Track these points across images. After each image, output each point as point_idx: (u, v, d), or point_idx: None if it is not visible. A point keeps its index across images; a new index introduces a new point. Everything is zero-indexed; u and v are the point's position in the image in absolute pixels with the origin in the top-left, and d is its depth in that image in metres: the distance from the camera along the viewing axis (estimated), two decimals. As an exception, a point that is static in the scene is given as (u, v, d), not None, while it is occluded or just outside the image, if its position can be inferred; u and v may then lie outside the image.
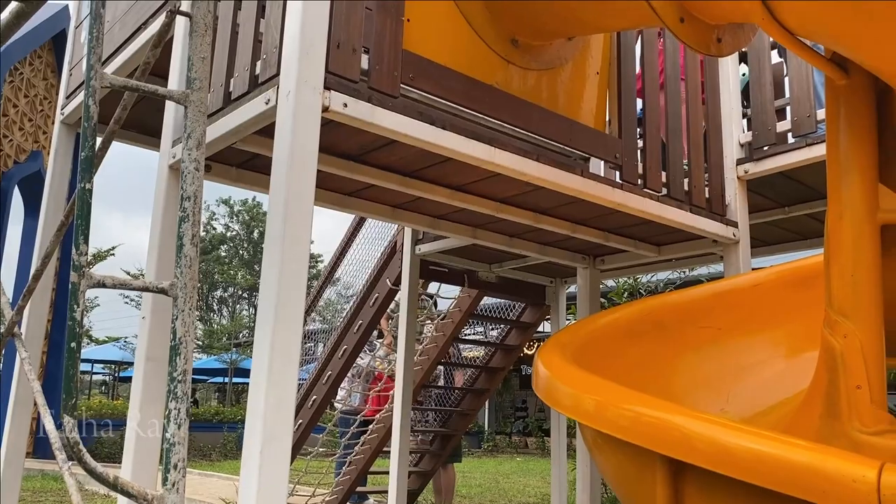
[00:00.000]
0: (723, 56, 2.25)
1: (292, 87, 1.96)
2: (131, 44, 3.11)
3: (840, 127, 2.10)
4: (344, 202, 3.09)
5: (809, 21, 1.85)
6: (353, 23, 2.14)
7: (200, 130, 1.64)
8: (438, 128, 2.30)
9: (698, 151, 3.34)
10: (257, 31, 2.29)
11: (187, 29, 1.72)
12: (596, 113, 2.96)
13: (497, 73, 2.59)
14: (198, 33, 1.66)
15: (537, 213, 3.20)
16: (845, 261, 2.05)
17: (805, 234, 4.45)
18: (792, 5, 1.81)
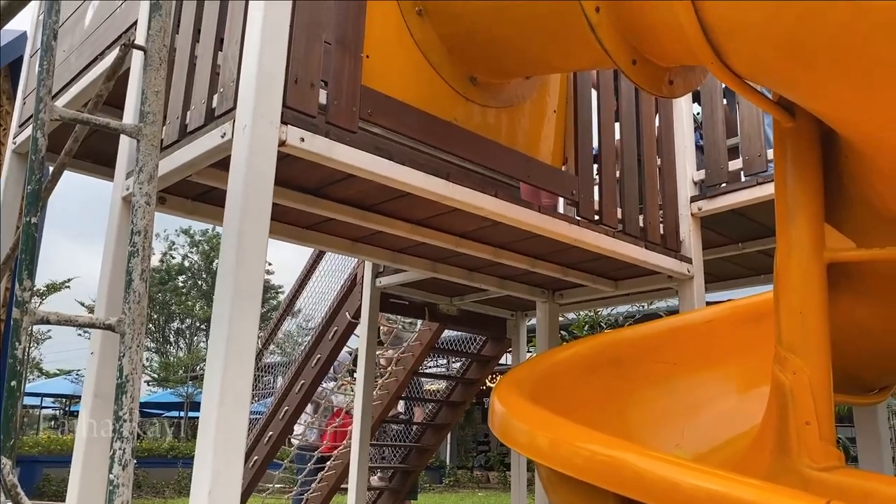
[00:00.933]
0: (675, 97, 2.31)
1: (248, 122, 1.95)
2: (88, 73, 3.08)
3: (787, 168, 2.16)
4: (302, 235, 3.07)
5: (756, 67, 1.91)
6: (311, 58, 2.14)
7: (152, 164, 1.63)
8: (396, 163, 2.30)
9: (653, 189, 3.41)
10: (215, 64, 2.28)
11: (143, 62, 1.70)
12: (553, 150, 3.01)
13: (456, 110, 2.61)
14: (152, 67, 1.65)
15: (496, 248, 3.22)
16: (794, 298, 2.09)
17: (758, 269, 4.54)
18: (740, 52, 1.87)
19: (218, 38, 2.33)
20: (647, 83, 2.15)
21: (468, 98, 2.67)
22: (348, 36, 2.26)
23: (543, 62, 2.60)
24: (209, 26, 2.36)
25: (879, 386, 2.56)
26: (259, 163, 1.96)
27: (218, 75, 2.24)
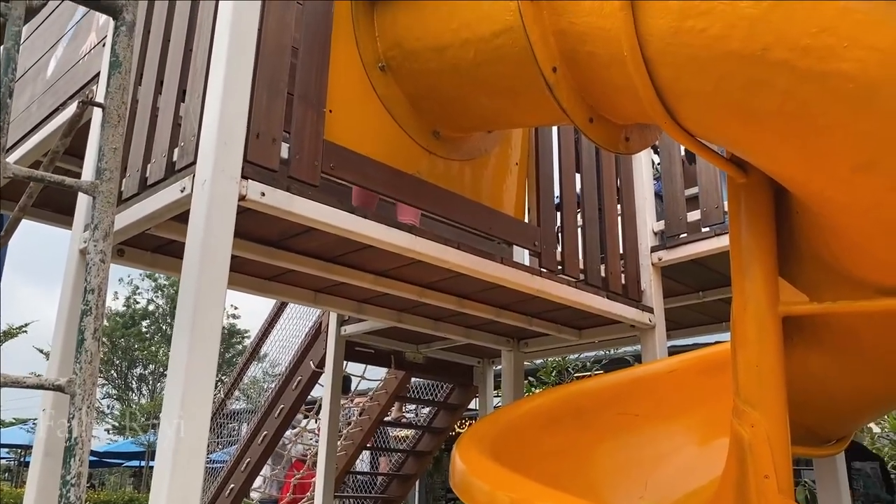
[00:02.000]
0: (631, 153, 2.36)
1: (208, 176, 1.95)
2: (49, 123, 3.06)
3: (741, 222, 2.21)
4: (264, 287, 3.04)
5: (708, 128, 1.97)
6: (273, 113, 2.16)
7: (108, 221, 1.61)
8: (359, 216, 2.31)
9: (614, 239, 3.45)
10: (176, 117, 2.28)
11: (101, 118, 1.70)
12: (516, 201, 3.04)
13: (419, 163, 2.64)
14: (110, 124, 1.65)
15: (461, 298, 3.22)
16: (750, 351, 2.12)
17: (718, 317, 4.60)
18: (691, 114, 1.93)
19: (180, 91, 2.34)
20: (604, 140, 2.20)
21: (431, 151, 2.70)
22: (311, 91, 2.28)
23: (503, 118, 2.65)
24: (171, 79, 2.37)
25: (836, 437, 2.60)
26: (218, 218, 1.96)
27: (179, 128, 2.25)
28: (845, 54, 1.60)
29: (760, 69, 1.70)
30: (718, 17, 1.72)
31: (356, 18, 2.53)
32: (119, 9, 1.70)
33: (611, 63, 1.97)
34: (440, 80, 2.50)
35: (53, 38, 3.31)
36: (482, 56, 2.28)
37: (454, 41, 2.33)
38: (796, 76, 1.66)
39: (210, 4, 2.26)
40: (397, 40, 2.53)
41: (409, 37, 2.49)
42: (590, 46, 2.01)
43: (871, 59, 1.59)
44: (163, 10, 2.55)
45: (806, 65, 1.64)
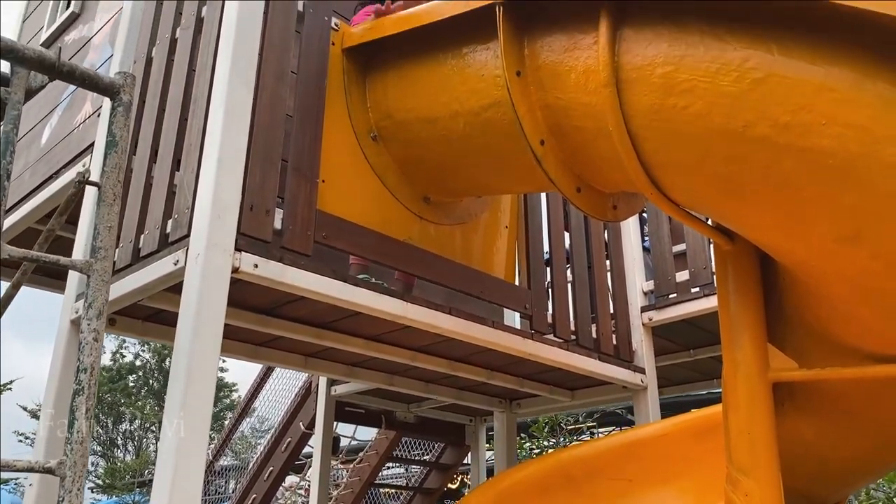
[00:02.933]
0: (618, 221, 2.40)
1: (202, 250, 1.97)
2: (42, 192, 3.08)
3: (729, 289, 2.23)
4: (254, 353, 3.04)
5: (693, 199, 2.01)
6: (267, 185, 2.19)
7: (102, 300, 1.62)
8: (350, 284, 2.33)
9: (604, 299, 3.48)
10: (171, 189, 2.31)
11: (96, 196, 1.72)
12: (506, 264, 3.07)
13: (411, 229, 2.67)
14: (106, 202, 1.67)
15: (452, 361, 3.22)
16: (741, 418, 2.12)
17: (711, 374, 4.60)
18: (676, 185, 1.97)
19: (175, 161, 2.38)
20: (592, 209, 2.24)
21: (422, 217, 2.73)
22: (305, 162, 2.32)
23: (493, 186, 2.69)
24: (166, 149, 2.40)
25: (831, 502, 2.58)
26: (212, 290, 1.97)
27: (173, 199, 2.27)
28: (824, 131, 1.65)
29: (742, 145, 1.75)
30: (700, 95, 1.78)
31: (348, 90, 2.59)
32: (117, 89, 1.74)
33: (597, 136, 2.02)
34: (431, 149, 2.55)
35: (49, 107, 3.35)
36: (471, 128, 2.33)
37: (444, 113, 2.39)
38: (777, 151, 1.71)
39: (206, 76, 2.31)
40: (388, 111, 2.59)
41: (401, 108, 2.55)
42: (576, 120, 2.06)
43: (849, 136, 1.63)
44: (159, 80, 2.60)
45: (786, 141, 1.69)
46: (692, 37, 1.81)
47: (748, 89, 1.71)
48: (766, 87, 1.69)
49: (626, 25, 1.93)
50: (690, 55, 1.80)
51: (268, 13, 2.36)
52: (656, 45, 1.86)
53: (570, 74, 2.03)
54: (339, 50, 2.59)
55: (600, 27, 1.92)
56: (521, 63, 2.10)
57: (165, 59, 2.61)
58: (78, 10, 3.49)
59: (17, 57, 1.60)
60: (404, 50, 2.52)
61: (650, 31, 1.88)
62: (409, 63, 2.51)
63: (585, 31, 2.01)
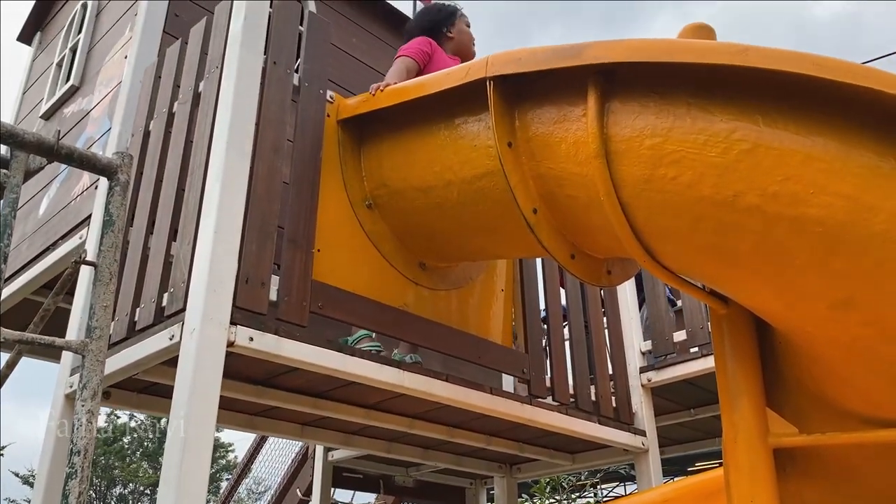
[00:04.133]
0: (613, 286, 2.41)
1: (197, 325, 1.97)
2: (38, 263, 3.09)
3: (726, 353, 2.23)
4: (251, 423, 3.00)
5: (685, 266, 2.02)
6: (263, 258, 2.20)
7: (97, 380, 1.61)
8: (346, 354, 2.32)
9: (602, 360, 3.46)
10: (167, 260, 2.32)
11: (92, 275, 1.73)
12: (503, 328, 3.06)
13: (406, 295, 2.67)
14: (102, 282, 1.68)
15: (451, 427, 3.19)
16: (743, 485, 2.09)
17: (712, 432, 4.55)
18: (669, 252, 1.99)
19: (171, 232, 2.39)
20: (587, 275, 2.25)
21: (418, 283, 2.74)
22: (300, 233, 2.34)
23: (488, 252, 2.71)
24: (163, 222, 2.42)
25: (839, 569, 2.52)
26: (207, 365, 1.96)
27: (168, 271, 2.28)
28: (812, 200, 1.67)
29: (732, 214, 1.77)
30: (689, 165, 1.81)
31: (343, 160, 2.63)
32: (114, 169, 1.77)
33: (589, 205, 2.05)
34: (425, 217, 2.58)
35: (46, 178, 3.39)
36: (465, 197, 2.36)
37: (438, 183, 2.42)
38: (767, 220, 1.73)
39: (203, 149, 2.35)
40: (383, 180, 2.62)
41: (395, 177, 2.58)
42: (568, 190, 2.09)
43: (837, 205, 1.66)
44: (156, 153, 2.64)
45: (775, 210, 1.72)
46: (679, 108, 1.85)
47: (736, 160, 1.74)
48: (754, 157, 1.73)
49: (613, 97, 1.97)
50: (678, 127, 1.83)
51: (264, 88, 2.41)
52: (644, 117, 1.90)
53: (561, 145, 2.07)
54: (334, 121, 2.63)
55: (588, 100, 1.97)
56: (513, 134, 2.14)
57: (163, 133, 2.66)
58: (77, 83, 3.56)
59: (17, 142, 1.63)
60: (398, 121, 2.56)
61: (637, 103, 1.92)
62: (403, 133, 2.55)
63: (574, 103, 2.05)
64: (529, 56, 2.09)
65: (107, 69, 3.30)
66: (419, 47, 3.04)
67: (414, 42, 3.09)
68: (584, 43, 1.99)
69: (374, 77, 4.13)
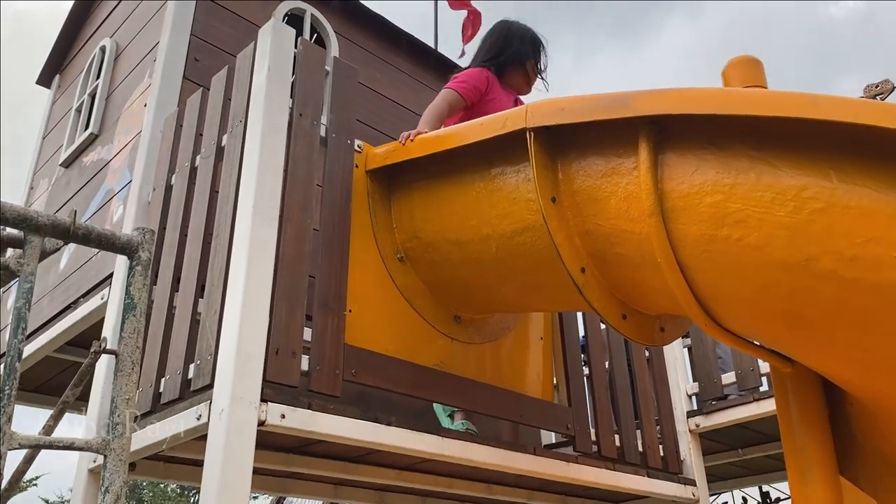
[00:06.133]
0: (666, 344, 2.25)
1: (226, 405, 1.84)
2: (61, 321, 3.00)
3: (792, 417, 2.06)
4: (282, 486, 2.86)
5: (751, 330, 1.87)
6: (293, 326, 2.08)
7: (120, 482, 1.48)
8: (383, 424, 2.18)
9: (648, 406, 3.29)
10: (194, 322, 2.20)
11: (110, 366, 1.61)
12: (543, 378, 2.91)
13: (442, 352, 2.53)
14: (124, 373, 1.56)
15: (490, 485, 3.03)
16: (820, 566, 1.92)
17: (759, 469, 4.36)
18: (733, 317, 1.83)
19: (196, 295, 2.28)
20: (639, 335, 2.10)
21: (453, 338, 2.60)
22: (331, 295, 2.21)
23: (529, 306, 2.57)
24: (188, 287, 2.31)
25: None
26: (237, 446, 1.84)
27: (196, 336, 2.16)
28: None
29: (806, 279, 1.62)
30: (755, 226, 1.65)
31: (373, 212, 2.50)
32: (134, 248, 1.65)
33: (643, 264, 1.90)
34: (461, 271, 2.44)
35: (68, 230, 3.30)
36: (504, 252, 2.22)
37: (474, 237, 2.28)
38: (846, 287, 1.57)
39: (227, 210, 2.24)
40: (415, 232, 2.49)
41: (427, 229, 2.45)
42: (619, 248, 1.94)
43: (926, 268, 1.50)
44: (179, 208, 2.53)
45: (854, 275, 1.55)
46: (741, 162, 1.70)
47: (808, 221, 1.58)
48: (828, 217, 1.57)
49: (667, 149, 1.82)
50: (741, 183, 1.68)
51: (290, 142, 2.29)
52: (703, 171, 1.75)
53: (610, 200, 1.92)
54: (362, 172, 2.51)
55: (640, 152, 1.82)
56: (556, 188, 2.00)
57: (186, 188, 2.55)
58: (97, 130, 3.48)
59: (30, 225, 1.51)
60: (430, 170, 2.43)
61: (694, 156, 1.77)
62: (436, 182, 2.42)
63: (623, 154, 1.91)
64: (573, 106, 1.95)
65: (126, 117, 3.21)
66: (473, 84, 2.79)
67: (471, 76, 2.82)
68: (631, 93, 1.85)
69: (398, 113, 4.02)
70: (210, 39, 3.25)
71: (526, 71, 2.94)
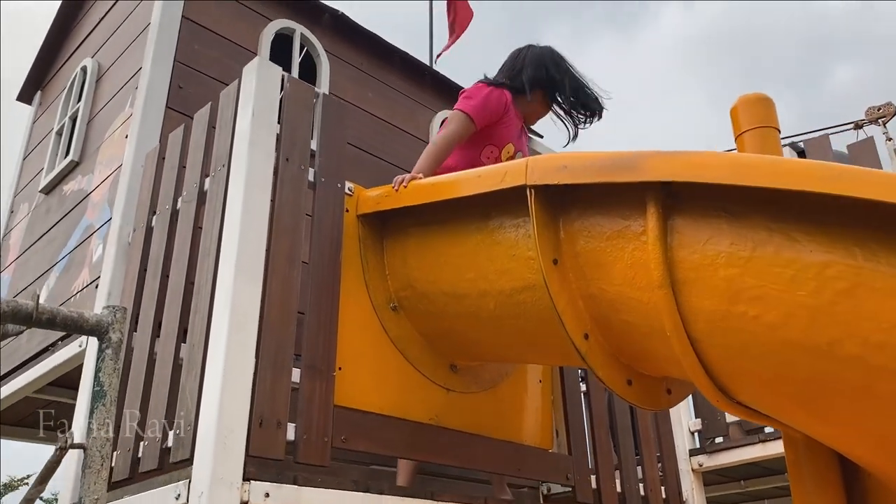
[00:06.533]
0: (673, 406, 2.14)
1: (206, 487, 1.72)
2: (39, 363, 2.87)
3: (805, 485, 1.95)
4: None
5: (768, 409, 1.75)
6: (278, 392, 1.95)
7: None
8: (374, 493, 2.06)
9: (649, 443, 3.19)
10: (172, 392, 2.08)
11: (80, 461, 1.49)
12: (542, 424, 2.79)
13: (437, 405, 2.42)
14: (92, 469, 1.44)
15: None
16: None
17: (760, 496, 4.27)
18: (746, 393, 1.72)
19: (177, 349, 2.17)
20: (645, 401, 1.98)
21: (449, 389, 2.48)
22: (319, 356, 2.09)
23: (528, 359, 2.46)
24: (168, 341, 2.19)
25: None
26: (218, 531, 1.72)
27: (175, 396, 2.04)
28: (928, 352, 1.40)
29: (827, 363, 1.50)
30: (773, 304, 1.53)
31: (365, 258, 2.38)
32: (105, 329, 1.53)
33: (651, 334, 1.78)
34: (458, 323, 2.32)
35: (46, 264, 3.17)
36: (503, 310, 2.10)
37: (471, 291, 2.16)
38: (871, 373, 1.45)
39: (209, 263, 2.11)
40: (409, 281, 2.37)
41: (422, 279, 2.33)
42: (625, 315, 1.82)
43: (959, 357, 1.39)
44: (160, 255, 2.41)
45: (881, 362, 1.44)
46: (758, 234, 1.58)
47: (831, 302, 1.46)
48: (853, 299, 1.45)
49: (678, 214, 1.70)
50: (759, 257, 1.56)
51: (276, 189, 2.16)
52: (716, 241, 1.63)
53: (615, 265, 1.80)
54: (353, 216, 2.38)
55: (648, 218, 1.70)
56: (558, 249, 1.88)
57: (167, 231, 2.42)
58: (77, 158, 3.34)
59: (-11, 314, 1.39)
60: (425, 216, 2.31)
61: (707, 224, 1.65)
62: (431, 230, 2.30)
63: (629, 216, 1.79)
64: (575, 164, 1.83)
65: (107, 147, 3.08)
66: (489, 107, 2.55)
67: (488, 98, 2.57)
68: (639, 154, 1.72)
69: (391, 133, 3.89)
70: (194, 65, 3.12)
71: (536, 102, 2.70)
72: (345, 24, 3.86)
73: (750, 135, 2.28)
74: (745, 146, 2.27)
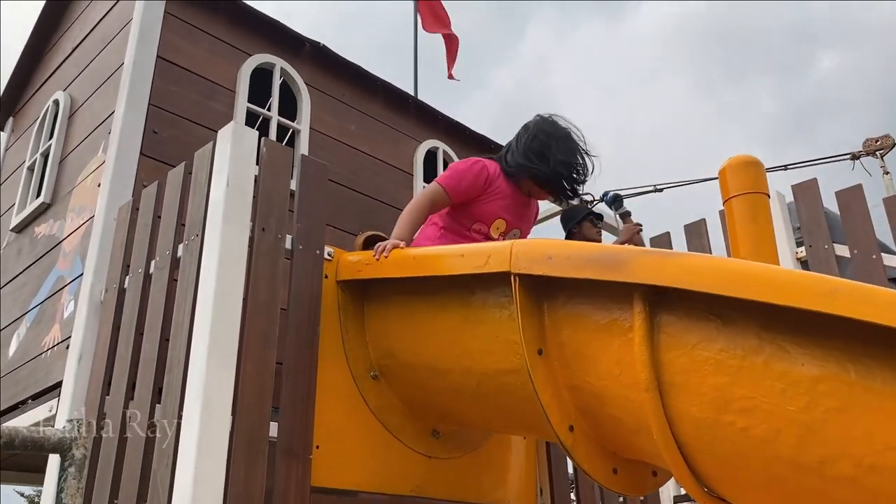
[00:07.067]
0: (659, 487, 2.10)
1: None
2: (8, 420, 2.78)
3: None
4: None
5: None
6: (252, 480, 1.89)
7: None
8: (354, 576, 2.01)
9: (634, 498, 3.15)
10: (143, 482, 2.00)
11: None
12: (526, 483, 2.74)
13: (418, 475, 2.36)
14: None
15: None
16: None
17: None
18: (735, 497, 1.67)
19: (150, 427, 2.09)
20: (630, 488, 1.94)
21: (431, 456, 2.42)
22: (296, 438, 2.03)
23: (510, 432, 2.40)
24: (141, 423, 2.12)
25: None
26: None
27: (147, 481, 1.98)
28: (925, 477, 1.36)
29: (817, 481, 1.46)
30: (763, 417, 1.49)
31: (344, 326, 2.31)
32: (67, 446, 1.45)
33: (638, 431, 1.73)
34: (441, 396, 2.27)
35: (18, 311, 3.08)
36: (487, 389, 2.05)
37: (455, 367, 2.11)
38: (863, 495, 1.41)
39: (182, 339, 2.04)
40: (391, 350, 2.30)
41: (405, 350, 2.27)
42: (612, 410, 1.77)
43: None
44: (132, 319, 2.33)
45: (875, 484, 1.39)
46: (748, 341, 1.53)
47: (823, 419, 1.42)
48: (846, 418, 1.40)
49: (665, 312, 1.65)
50: (749, 367, 1.51)
51: (251, 261, 2.09)
52: (705, 346, 1.58)
53: (601, 359, 1.75)
54: (332, 282, 2.31)
55: (634, 317, 1.65)
56: (542, 339, 1.83)
57: (139, 295, 2.35)
58: (49, 200, 3.24)
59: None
60: (407, 286, 2.24)
61: (697, 327, 1.60)
62: (413, 301, 2.24)
63: (615, 310, 1.73)
64: (561, 255, 1.77)
65: (79, 193, 2.98)
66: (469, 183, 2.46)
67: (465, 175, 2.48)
68: (626, 253, 1.67)
69: (375, 167, 3.81)
70: (170, 107, 3.02)
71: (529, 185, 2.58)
72: (325, 55, 3.77)
73: (739, 200, 2.24)
74: (734, 211, 2.23)
